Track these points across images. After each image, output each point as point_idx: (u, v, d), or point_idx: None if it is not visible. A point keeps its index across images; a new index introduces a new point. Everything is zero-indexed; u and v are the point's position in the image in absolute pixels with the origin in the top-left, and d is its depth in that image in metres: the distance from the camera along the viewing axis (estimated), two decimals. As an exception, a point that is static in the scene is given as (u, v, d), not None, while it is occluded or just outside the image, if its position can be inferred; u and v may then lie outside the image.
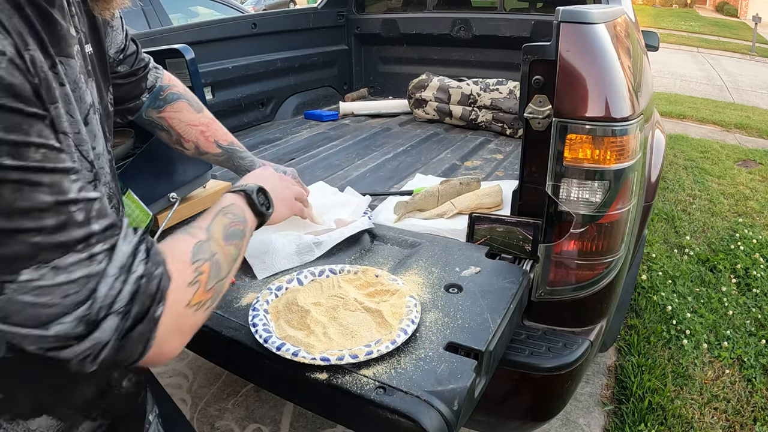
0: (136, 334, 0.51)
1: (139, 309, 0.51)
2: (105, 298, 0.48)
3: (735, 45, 12.76)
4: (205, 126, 1.11)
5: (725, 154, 4.50)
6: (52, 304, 0.46)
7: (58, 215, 0.45)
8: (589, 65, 0.99)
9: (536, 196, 1.08)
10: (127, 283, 0.50)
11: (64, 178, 0.47)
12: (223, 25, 2.36)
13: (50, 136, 0.46)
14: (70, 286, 0.46)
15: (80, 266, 0.47)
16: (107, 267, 0.49)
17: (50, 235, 0.45)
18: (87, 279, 0.47)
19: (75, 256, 0.46)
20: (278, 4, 13.13)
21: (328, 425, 1.77)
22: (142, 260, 0.52)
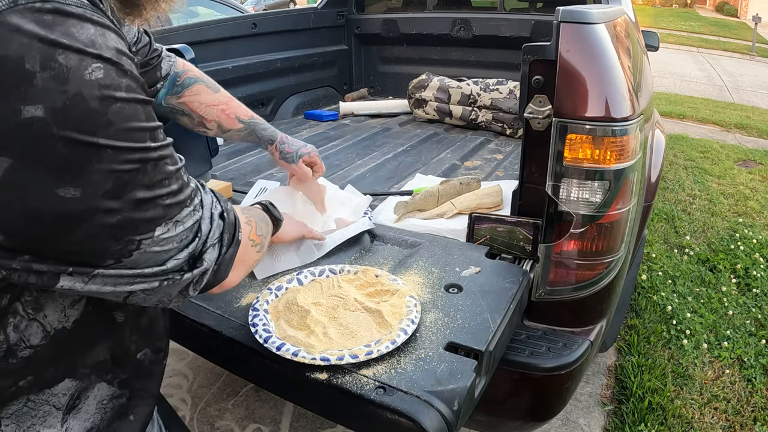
0: (228, 257, 0.65)
1: (229, 236, 0.65)
2: (205, 235, 0.60)
3: (735, 45, 12.76)
4: (224, 104, 1.15)
5: (725, 154, 4.50)
6: (172, 248, 0.56)
7: (178, 179, 0.56)
8: (589, 65, 0.99)
9: (536, 196, 1.08)
10: (214, 219, 0.62)
11: (172, 149, 0.56)
12: (223, 25, 2.36)
13: (155, 118, 0.54)
14: (185, 232, 0.57)
15: (191, 216, 0.58)
16: (203, 212, 0.61)
17: (175, 197, 0.55)
18: (195, 223, 0.59)
19: (187, 209, 0.57)
20: (278, 4, 13.13)
21: (328, 425, 1.77)
22: (218, 201, 0.65)
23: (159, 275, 0.56)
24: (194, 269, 0.60)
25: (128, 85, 0.49)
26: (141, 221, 0.52)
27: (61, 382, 0.61)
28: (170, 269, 0.57)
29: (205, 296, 1.01)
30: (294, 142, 1.27)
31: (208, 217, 0.61)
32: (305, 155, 1.27)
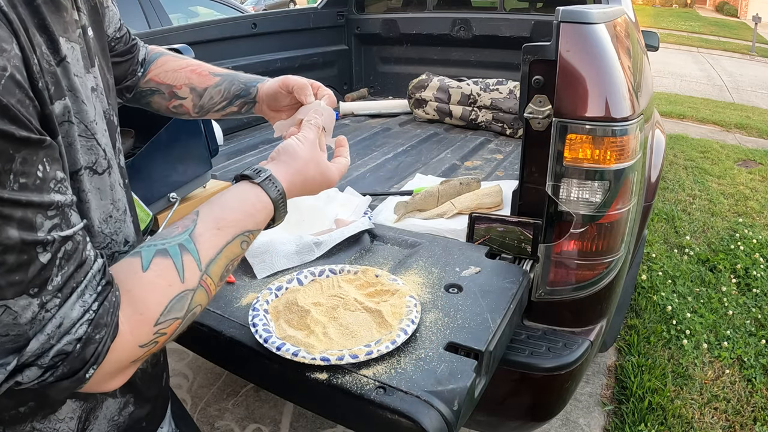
0: (59, 388, 0.48)
1: (66, 371, 0.47)
2: (32, 354, 0.45)
3: (735, 45, 12.75)
4: (194, 65, 0.97)
5: (725, 154, 4.50)
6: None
7: (20, 254, 0.42)
8: (589, 65, 0.99)
9: (536, 196, 1.08)
10: (58, 344, 0.46)
11: (38, 214, 0.43)
12: (223, 25, 2.36)
13: (36, 164, 0.43)
14: (13, 328, 0.44)
15: (28, 311, 0.44)
16: (49, 321, 0.46)
17: (8, 273, 0.42)
18: (30, 326, 0.45)
19: (27, 299, 0.44)
20: (278, 4, 13.13)
21: (328, 425, 1.77)
22: (87, 321, 0.48)
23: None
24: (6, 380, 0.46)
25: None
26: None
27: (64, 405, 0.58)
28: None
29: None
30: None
31: (50, 335, 0.46)
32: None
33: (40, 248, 0.44)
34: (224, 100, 0.96)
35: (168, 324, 0.53)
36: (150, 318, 0.52)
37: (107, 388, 0.53)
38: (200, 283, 0.56)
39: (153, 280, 0.53)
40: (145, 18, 4.10)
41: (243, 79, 0.96)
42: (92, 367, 0.49)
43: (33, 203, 0.42)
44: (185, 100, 0.95)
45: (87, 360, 0.48)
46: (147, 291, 0.53)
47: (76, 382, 0.48)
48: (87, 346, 0.48)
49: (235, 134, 2.37)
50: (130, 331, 0.51)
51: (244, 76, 0.97)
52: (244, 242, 0.61)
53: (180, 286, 0.54)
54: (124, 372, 0.53)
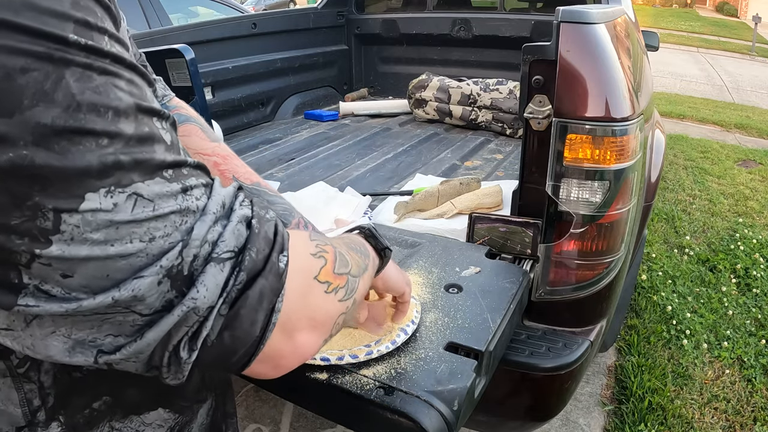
0: (253, 296, 0.37)
1: (254, 256, 0.37)
2: (202, 242, 0.35)
3: (735, 45, 12.75)
4: (221, 158, 0.84)
5: (725, 154, 4.50)
6: (128, 253, 0.32)
7: (139, 123, 0.33)
8: (589, 65, 0.99)
9: (536, 196, 1.08)
10: (230, 223, 0.37)
11: (144, 83, 0.35)
12: (223, 25, 2.36)
13: (122, 41, 0.35)
14: (156, 223, 0.33)
15: (170, 198, 0.34)
16: (207, 203, 0.36)
17: (129, 147, 0.32)
18: (181, 216, 0.34)
19: (163, 183, 0.34)
20: (278, 4, 13.13)
21: (328, 425, 1.77)
22: (247, 204, 0.40)
23: (101, 309, 0.32)
24: (177, 305, 0.34)
25: None
26: (52, 171, 0.29)
27: (153, 411, 0.49)
28: (124, 297, 0.32)
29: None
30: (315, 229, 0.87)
31: (216, 213, 0.36)
32: None
33: (158, 122, 0.35)
34: None
35: (322, 243, 0.48)
36: (302, 233, 0.48)
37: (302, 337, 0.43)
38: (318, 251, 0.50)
39: None
40: (145, 18, 4.10)
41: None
42: (281, 254, 0.40)
43: (137, 68, 0.34)
44: None
45: (272, 241, 0.39)
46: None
47: (275, 278, 0.38)
48: (263, 223, 0.40)
49: (235, 134, 2.37)
50: (293, 236, 0.44)
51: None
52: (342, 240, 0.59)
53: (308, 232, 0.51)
54: (313, 309, 0.44)
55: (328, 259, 0.47)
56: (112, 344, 0.34)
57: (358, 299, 0.52)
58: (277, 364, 0.45)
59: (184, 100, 1.43)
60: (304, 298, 0.43)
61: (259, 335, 0.39)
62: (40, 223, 0.29)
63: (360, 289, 0.53)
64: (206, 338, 0.36)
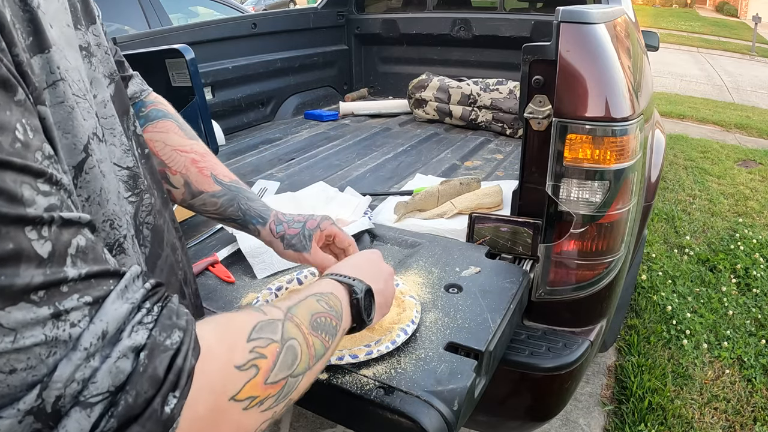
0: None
1: (131, 401, 0.32)
2: (67, 381, 0.30)
3: (735, 45, 12.75)
4: (198, 155, 0.82)
5: (725, 154, 4.50)
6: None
7: (0, 239, 0.28)
8: (589, 65, 0.99)
9: (536, 196, 1.08)
10: (108, 359, 0.32)
11: (22, 182, 0.30)
12: (223, 25, 2.36)
13: (11, 120, 0.30)
14: (17, 355, 0.29)
15: (36, 327, 0.30)
16: (82, 333, 0.32)
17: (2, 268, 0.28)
18: (47, 347, 0.30)
19: (28, 309, 0.29)
20: (278, 4, 13.13)
21: (328, 425, 1.77)
22: (146, 324, 0.35)
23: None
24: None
25: None
26: None
27: None
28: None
29: (204, 296, 1.01)
30: (295, 217, 0.87)
31: (89, 348, 0.32)
32: (315, 230, 0.86)
33: (32, 231, 0.30)
34: (217, 214, 0.85)
35: (263, 343, 0.43)
36: (240, 330, 0.42)
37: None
38: (286, 317, 0.48)
39: (233, 313, 0.45)
40: (145, 18, 4.10)
41: (244, 204, 0.84)
42: (172, 395, 0.34)
43: (12, 165, 0.29)
44: (175, 190, 0.82)
45: (161, 379, 0.34)
46: (230, 315, 0.45)
47: (155, 424, 0.33)
48: (155, 356, 0.34)
49: (235, 134, 2.37)
50: (219, 342, 0.39)
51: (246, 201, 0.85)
52: (321, 300, 0.56)
53: (264, 316, 0.46)
54: (225, 422, 0.39)
55: (262, 368, 0.42)
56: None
57: (296, 397, 0.48)
58: None
59: (184, 100, 1.42)
60: (212, 422, 0.38)
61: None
62: None
63: (302, 385, 0.48)
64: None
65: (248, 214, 0.85)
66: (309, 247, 0.84)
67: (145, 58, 1.60)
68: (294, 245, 0.84)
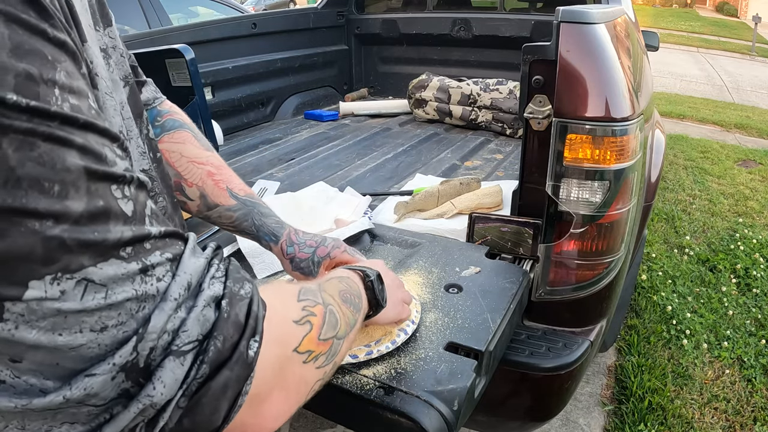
0: (216, 387, 0.34)
1: (219, 345, 0.34)
2: (161, 332, 0.32)
3: (735, 45, 12.75)
4: (214, 168, 0.83)
5: (725, 154, 4.50)
6: (78, 344, 0.29)
7: (91, 197, 0.29)
8: (589, 65, 0.99)
9: (536, 196, 1.08)
10: (195, 308, 0.34)
11: (104, 144, 0.31)
12: (223, 25, 2.36)
13: (84, 87, 0.31)
14: (109, 312, 0.30)
15: (126, 282, 0.31)
16: (169, 285, 0.33)
17: (78, 226, 0.28)
18: (138, 302, 0.31)
19: (118, 265, 0.30)
20: (278, 4, 13.13)
21: (328, 425, 1.77)
22: (219, 278, 0.37)
23: (52, 406, 0.29)
24: (133, 398, 0.32)
25: None
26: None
27: None
28: (75, 396, 0.30)
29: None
30: (307, 241, 0.87)
31: (178, 299, 0.33)
32: (325, 258, 0.86)
33: (117, 190, 0.31)
34: (232, 227, 0.87)
35: (311, 303, 0.46)
36: (290, 291, 0.47)
37: (271, 410, 0.40)
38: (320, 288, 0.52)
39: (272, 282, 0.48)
40: (145, 18, 4.10)
41: (258, 220, 0.85)
42: (253, 339, 0.36)
43: (94, 126, 0.30)
44: (190, 202, 0.83)
45: (243, 325, 0.36)
46: (272, 282, 0.48)
47: (242, 367, 0.35)
48: (234, 304, 0.36)
49: (235, 134, 2.37)
50: (276, 299, 0.42)
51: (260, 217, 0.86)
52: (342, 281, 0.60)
53: (304, 284, 0.51)
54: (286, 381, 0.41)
55: (315, 324, 0.45)
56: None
57: (339, 361, 0.51)
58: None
59: (184, 100, 1.42)
60: (279, 371, 0.41)
61: (222, 420, 0.36)
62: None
63: (342, 351, 0.51)
64: (164, 426, 0.33)
65: (262, 230, 0.86)
66: (316, 273, 0.85)
67: (145, 58, 1.59)
68: (302, 269, 0.86)
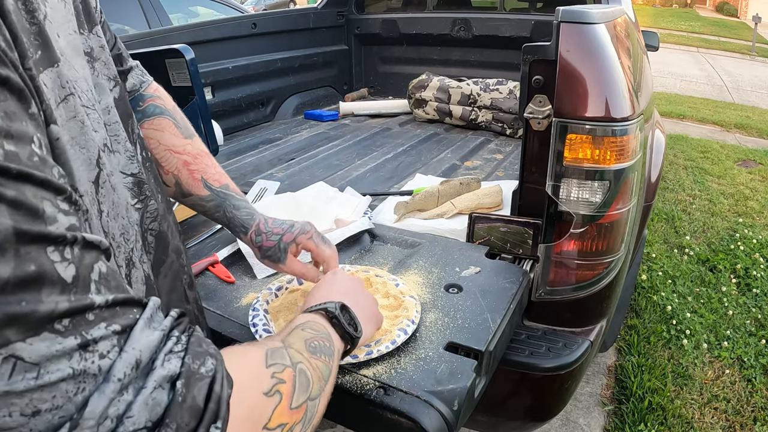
0: None
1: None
2: (100, 418, 0.28)
3: (735, 45, 12.75)
4: (191, 157, 0.82)
5: (725, 154, 4.50)
6: (7, 428, 0.26)
7: (21, 260, 0.25)
8: (589, 65, 0.99)
9: (536, 196, 1.08)
10: (144, 390, 0.30)
11: (43, 198, 0.28)
12: (223, 25, 2.36)
13: (28, 129, 0.29)
14: (41, 394, 0.26)
15: (61, 360, 0.27)
16: (114, 363, 0.29)
17: (2, 295, 0.25)
18: (75, 383, 0.28)
19: (52, 340, 0.27)
20: (278, 4, 13.13)
21: (328, 425, 1.77)
22: (177, 353, 0.33)
23: None
24: None
25: None
26: None
27: None
28: None
29: (204, 297, 1.01)
30: (274, 229, 0.87)
31: (123, 379, 0.30)
32: (291, 244, 0.86)
33: (54, 252, 0.27)
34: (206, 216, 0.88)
35: (279, 369, 0.43)
36: (257, 358, 0.43)
37: None
38: (285, 345, 0.49)
39: (237, 346, 0.45)
40: (145, 18, 4.10)
41: (229, 212, 0.86)
42: (214, 426, 0.32)
43: (31, 177, 0.27)
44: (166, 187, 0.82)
45: (201, 410, 0.32)
46: (237, 347, 0.45)
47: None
48: (193, 384, 0.32)
49: (235, 134, 2.37)
50: (243, 371, 0.38)
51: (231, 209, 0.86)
52: (306, 328, 0.57)
53: (269, 345, 0.47)
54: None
55: (285, 393, 0.42)
56: None
57: (318, 421, 0.48)
58: None
59: (184, 100, 1.42)
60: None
61: None
62: None
63: (321, 408, 0.49)
64: None
65: (232, 222, 0.87)
66: (284, 259, 0.86)
67: (145, 58, 1.59)
68: (270, 256, 0.86)
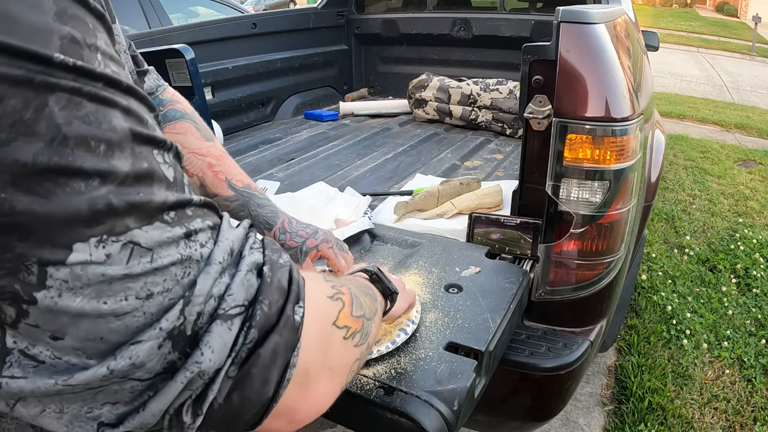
0: (266, 354, 0.33)
1: (266, 309, 0.33)
2: (207, 296, 0.31)
3: (735, 45, 12.75)
4: (215, 159, 0.85)
5: (725, 154, 4.50)
6: (123, 312, 0.28)
7: (136, 158, 0.28)
8: (589, 65, 0.99)
9: (536, 196, 1.08)
10: (238, 273, 0.33)
11: (143, 108, 0.31)
12: (223, 25, 2.36)
13: (117, 59, 0.30)
14: (154, 277, 0.29)
15: (171, 246, 0.30)
16: (212, 251, 0.32)
17: (124, 187, 0.27)
18: (183, 267, 0.30)
19: (164, 229, 0.29)
20: (278, 4, 13.13)
21: (328, 425, 1.77)
22: (257, 248, 0.36)
23: (95, 382, 0.28)
24: (180, 368, 0.30)
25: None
26: (35, 218, 0.25)
27: None
28: (121, 367, 0.28)
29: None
30: (299, 231, 0.90)
31: (222, 263, 0.32)
32: (313, 249, 0.89)
33: (159, 155, 0.30)
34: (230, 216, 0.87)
35: (339, 284, 0.47)
36: (318, 276, 0.46)
37: (320, 388, 0.39)
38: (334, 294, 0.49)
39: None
40: (145, 18, 4.10)
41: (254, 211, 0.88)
42: (297, 305, 0.36)
43: (135, 92, 0.30)
44: None
45: (286, 290, 0.35)
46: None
47: (290, 332, 0.34)
48: (276, 270, 0.36)
49: (235, 134, 2.37)
50: (309, 281, 0.40)
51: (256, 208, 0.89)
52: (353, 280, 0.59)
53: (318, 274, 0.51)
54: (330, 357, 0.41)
55: (346, 302, 0.45)
56: (111, 413, 0.30)
57: (371, 344, 0.50)
58: (292, 420, 0.39)
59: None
60: (323, 347, 0.40)
61: (272, 395, 0.35)
62: (22, 277, 0.25)
63: (372, 333, 0.50)
64: (212, 401, 0.32)
65: (257, 220, 0.89)
66: (302, 262, 0.90)
67: (146, 58, 1.60)
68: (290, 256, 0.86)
